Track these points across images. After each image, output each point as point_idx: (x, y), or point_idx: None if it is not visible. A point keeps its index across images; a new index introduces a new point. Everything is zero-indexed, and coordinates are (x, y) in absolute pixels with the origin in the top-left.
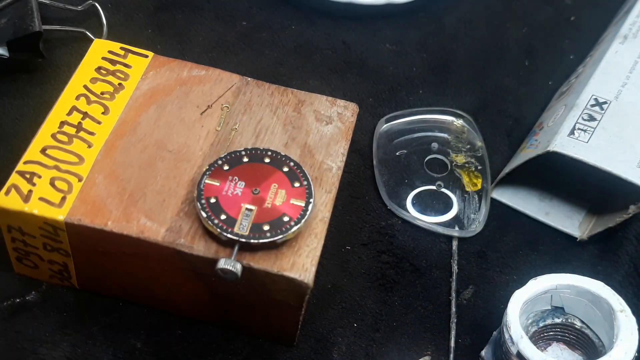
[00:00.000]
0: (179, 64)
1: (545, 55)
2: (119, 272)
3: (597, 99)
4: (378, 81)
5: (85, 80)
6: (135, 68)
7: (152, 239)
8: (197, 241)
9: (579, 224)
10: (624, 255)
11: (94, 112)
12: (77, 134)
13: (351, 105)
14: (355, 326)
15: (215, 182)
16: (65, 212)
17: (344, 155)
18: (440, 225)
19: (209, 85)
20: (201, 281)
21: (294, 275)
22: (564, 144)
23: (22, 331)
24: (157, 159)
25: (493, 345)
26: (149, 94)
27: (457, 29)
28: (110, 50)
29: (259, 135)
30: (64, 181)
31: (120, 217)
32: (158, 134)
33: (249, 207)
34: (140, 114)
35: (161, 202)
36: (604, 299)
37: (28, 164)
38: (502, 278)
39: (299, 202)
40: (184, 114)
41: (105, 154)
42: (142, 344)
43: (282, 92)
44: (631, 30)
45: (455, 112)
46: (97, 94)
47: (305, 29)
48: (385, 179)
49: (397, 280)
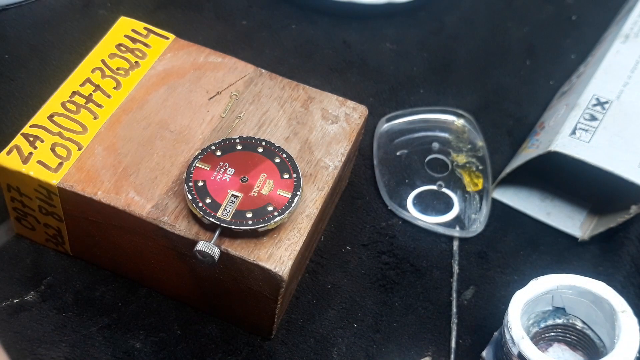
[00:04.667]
0: (197, 49)
1: (547, 55)
2: (107, 243)
3: (598, 99)
4: (379, 81)
5: (104, 54)
6: (155, 48)
7: (137, 213)
8: (180, 221)
9: (580, 224)
10: (625, 255)
11: (106, 86)
12: (86, 105)
13: (360, 108)
14: (355, 327)
15: (206, 166)
16: (60, 177)
17: (343, 155)
18: (441, 225)
19: (223, 73)
20: (183, 261)
21: (270, 266)
22: (566, 143)
23: (21, 331)
24: (157, 137)
25: (494, 346)
26: (162, 74)
27: (458, 29)
28: (134, 29)
29: (262, 126)
30: (64, 148)
31: (111, 189)
32: (163, 114)
33: (235, 194)
34: (150, 93)
35: (153, 179)
36: (606, 299)
37: (34, 127)
38: (503, 278)
39: (286, 194)
40: (192, 98)
41: (109, 127)
42: (141, 344)
43: (294, 87)
44: (632, 29)
45: (456, 112)
46: (113, 69)
47: (306, 29)
48: (386, 179)
49: (397, 281)
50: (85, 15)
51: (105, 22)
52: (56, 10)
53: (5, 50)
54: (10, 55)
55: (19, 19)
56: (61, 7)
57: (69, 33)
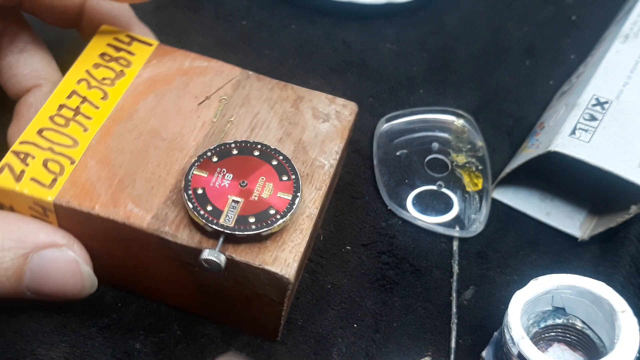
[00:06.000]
0: (182, 54)
1: (546, 55)
2: (106, 257)
3: (598, 99)
4: (378, 81)
5: (88, 65)
6: (139, 56)
7: (137, 225)
8: (182, 230)
9: (580, 224)
10: (625, 255)
11: (93, 97)
12: (75, 118)
13: (350, 105)
14: (355, 327)
15: (203, 173)
16: (55, 193)
17: (338, 153)
18: (441, 225)
19: (210, 77)
20: (186, 270)
21: (275, 269)
22: (565, 143)
23: (20, 331)
24: (150, 146)
25: (494, 346)
26: (149, 82)
27: (457, 29)
28: (116, 37)
29: (254, 128)
30: (56, 163)
31: (108, 202)
32: (154, 122)
33: (235, 199)
34: (138, 102)
35: (150, 189)
36: (605, 299)
37: (24, 144)
38: (502, 278)
39: (286, 196)
40: (181, 104)
41: (100, 138)
42: (141, 345)
43: (282, 87)
44: (632, 29)
45: (456, 112)
46: (98, 80)
47: (306, 29)
48: (386, 179)
49: (397, 281)
50: None
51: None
52: None
53: None
54: None
55: None
56: None
57: (69, 33)
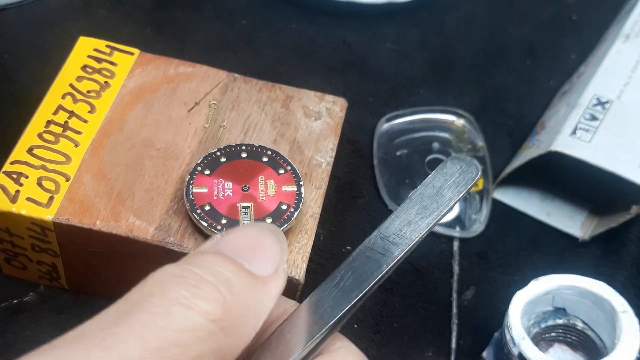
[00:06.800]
0: (165, 61)
1: (547, 55)
2: (108, 272)
3: (599, 99)
4: (378, 80)
5: (71, 78)
6: (122, 66)
7: (142, 237)
8: (187, 239)
9: (580, 225)
10: (626, 255)
11: (81, 111)
12: (64, 133)
13: (340, 101)
14: (355, 327)
15: (203, 189)
16: (53, 212)
17: (333, 150)
18: (441, 225)
19: (196, 82)
20: None
21: None
22: (566, 143)
23: (19, 332)
24: (144, 157)
25: (494, 347)
26: (135, 91)
27: (458, 28)
28: (96, 48)
29: (248, 132)
30: (51, 181)
31: (109, 217)
32: (145, 132)
33: (245, 205)
34: (127, 112)
35: (149, 200)
36: (606, 299)
37: (15, 164)
38: (503, 279)
39: (291, 188)
40: (171, 112)
41: (93, 153)
42: None
43: (270, 88)
44: (633, 29)
45: (456, 112)
46: (83, 93)
47: (306, 28)
48: (386, 179)
49: (397, 281)
50: (85, 15)
51: (105, 22)
52: (56, 10)
53: (5, 50)
54: (10, 55)
55: (19, 18)
56: (61, 7)
57: (69, 33)
